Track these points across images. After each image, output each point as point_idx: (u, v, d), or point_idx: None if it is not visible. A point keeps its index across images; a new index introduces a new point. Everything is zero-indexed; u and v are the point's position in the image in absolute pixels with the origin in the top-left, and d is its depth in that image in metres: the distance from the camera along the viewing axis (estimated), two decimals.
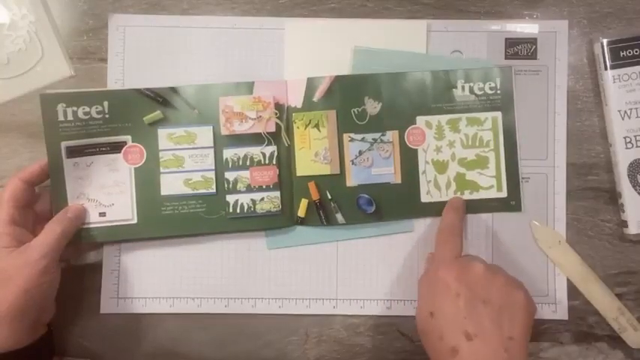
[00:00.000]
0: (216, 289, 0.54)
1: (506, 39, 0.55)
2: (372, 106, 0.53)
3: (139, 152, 0.52)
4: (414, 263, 0.54)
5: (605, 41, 0.53)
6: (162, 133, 0.52)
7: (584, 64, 0.55)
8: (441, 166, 0.53)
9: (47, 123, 0.51)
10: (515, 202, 0.53)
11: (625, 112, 0.53)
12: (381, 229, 0.54)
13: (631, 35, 0.53)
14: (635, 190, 0.52)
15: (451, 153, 0.53)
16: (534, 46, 0.55)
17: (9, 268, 0.45)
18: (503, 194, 0.53)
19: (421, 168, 0.53)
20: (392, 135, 0.53)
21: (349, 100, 0.53)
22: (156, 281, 0.54)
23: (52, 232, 0.47)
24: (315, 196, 0.53)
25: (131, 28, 0.55)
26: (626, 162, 0.53)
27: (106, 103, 0.52)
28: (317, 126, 0.52)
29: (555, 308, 0.54)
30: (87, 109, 0.51)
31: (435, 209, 0.53)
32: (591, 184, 0.55)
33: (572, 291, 0.54)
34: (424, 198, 0.53)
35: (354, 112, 0.53)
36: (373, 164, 0.53)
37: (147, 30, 0.55)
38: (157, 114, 0.52)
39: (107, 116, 0.52)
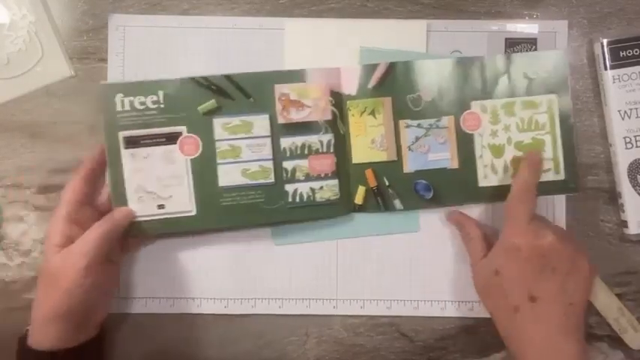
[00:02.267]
0: (216, 289, 0.54)
1: (506, 39, 0.55)
2: (428, 92, 0.53)
3: (194, 143, 0.51)
4: (415, 263, 0.54)
5: (605, 41, 0.53)
6: (218, 122, 0.51)
7: (584, 64, 0.55)
8: (497, 150, 0.53)
9: (106, 113, 0.50)
10: (574, 185, 0.53)
11: (625, 112, 0.53)
12: (388, 227, 0.54)
13: (631, 35, 0.53)
14: (635, 190, 0.52)
15: (507, 137, 0.53)
16: (534, 46, 0.55)
17: (54, 268, 0.46)
18: (561, 177, 0.53)
19: (477, 152, 0.53)
20: (447, 120, 0.53)
21: (404, 86, 0.53)
22: (156, 281, 0.54)
23: (93, 231, 0.47)
24: (372, 183, 0.52)
25: (131, 28, 0.55)
26: (626, 162, 0.53)
27: (160, 93, 0.51)
28: (372, 113, 0.52)
29: None
30: (143, 98, 0.50)
31: (492, 194, 0.53)
32: (591, 184, 0.55)
33: None
34: (482, 182, 0.53)
35: (409, 98, 0.53)
36: (430, 150, 0.53)
37: (147, 30, 0.55)
38: (211, 103, 0.51)
39: (162, 106, 0.51)
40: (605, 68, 0.53)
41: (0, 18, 0.53)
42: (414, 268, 0.54)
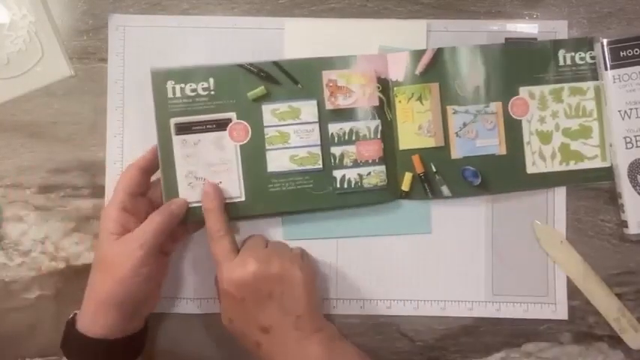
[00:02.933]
0: (217, 290, 0.54)
1: (506, 39, 0.55)
2: (475, 78, 0.53)
3: (243, 129, 0.51)
4: (415, 263, 0.54)
5: (605, 41, 0.53)
6: (267, 108, 0.52)
7: None
8: (545, 137, 0.53)
9: (158, 100, 0.51)
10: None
11: (625, 112, 0.53)
12: (401, 227, 0.54)
13: (631, 35, 0.53)
14: (635, 190, 0.52)
15: (555, 123, 0.53)
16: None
17: (110, 256, 0.46)
18: (608, 164, 0.53)
19: (525, 139, 0.53)
20: (495, 106, 0.53)
21: (451, 72, 0.53)
22: None
23: (151, 222, 0.47)
24: (419, 169, 0.53)
25: (131, 28, 0.55)
26: (626, 162, 0.53)
27: (211, 80, 0.51)
28: (420, 99, 0.52)
29: (555, 308, 0.53)
30: (194, 85, 0.51)
31: (541, 180, 0.53)
32: (591, 184, 0.55)
33: (572, 291, 0.54)
34: (530, 169, 0.53)
35: (456, 84, 0.53)
36: (478, 136, 0.53)
37: (147, 30, 0.55)
38: (260, 89, 0.51)
39: (213, 93, 0.51)
40: (605, 68, 0.53)
41: (0, 18, 0.53)
42: (413, 268, 0.54)
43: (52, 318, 0.53)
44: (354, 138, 0.52)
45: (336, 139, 0.52)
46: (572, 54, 0.53)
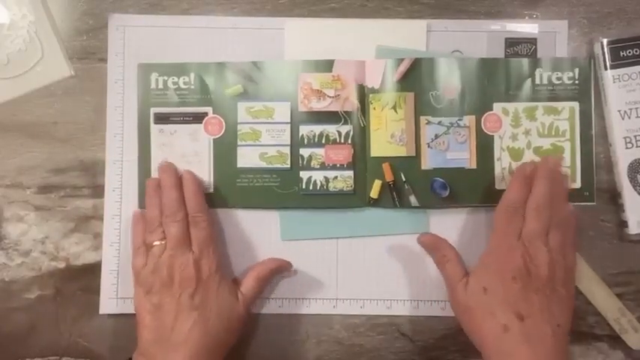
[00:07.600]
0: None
1: (506, 39, 0.55)
2: (451, 91, 0.53)
3: (218, 124, 0.53)
4: (415, 263, 0.54)
5: (605, 41, 0.53)
6: (242, 106, 0.53)
7: None
8: (516, 154, 0.53)
9: (141, 90, 0.54)
10: (588, 194, 0.53)
11: (625, 112, 0.53)
12: (398, 227, 0.54)
13: (631, 35, 0.53)
14: (635, 190, 0.52)
15: (527, 141, 0.53)
16: (534, 46, 0.55)
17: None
18: (577, 185, 0.53)
19: (496, 154, 0.53)
20: (468, 120, 0.53)
21: (427, 83, 0.53)
22: None
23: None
24: (389, 177, 0.53)
25: (131, 28, 0.55)
26: (626, 162, 0.53)
27: (192, 75, 0.53)
28: (394, 107, 0.52)
29: None
30: (175, 79, 0.53)
31: None
32: None
33: None
34: (498, 185, 0.53)
35: (431, 95, 0.53)
36: (449, 148, 0.53)
37: (147, 30, 0.55)
38: (237, 87, 0.53)
39: (192, 87, 0.53)
40: (605, 68, 0.53)
41: (0, 18, 0.53)
42: (414, 268, 0.54)
43: (52, 318, 0.53)
44: (323, 141, 0.53)
45: (305, 140, 0.53)
46: (550, 73, 0.53)
